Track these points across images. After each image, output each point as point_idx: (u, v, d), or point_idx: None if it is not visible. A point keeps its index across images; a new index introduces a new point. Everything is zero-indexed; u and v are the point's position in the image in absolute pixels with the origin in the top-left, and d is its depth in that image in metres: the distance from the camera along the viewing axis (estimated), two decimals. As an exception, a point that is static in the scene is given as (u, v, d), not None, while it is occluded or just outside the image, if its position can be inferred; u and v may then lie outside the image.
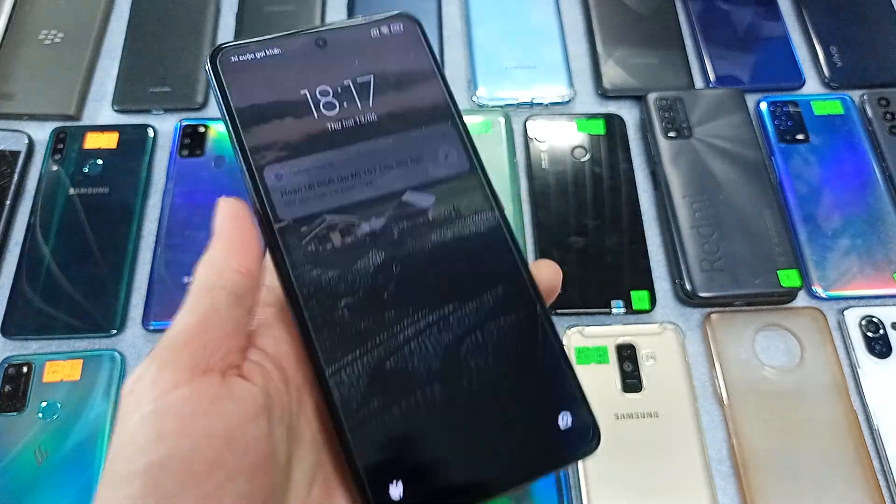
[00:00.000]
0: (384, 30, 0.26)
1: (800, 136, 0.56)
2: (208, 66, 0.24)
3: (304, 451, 0.21)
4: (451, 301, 0.23)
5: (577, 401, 0.23)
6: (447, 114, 0.26)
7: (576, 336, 0.48)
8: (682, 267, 0.50)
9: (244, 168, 0.23)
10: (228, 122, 0.24)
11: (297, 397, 0.22)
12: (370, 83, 0.25)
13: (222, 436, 0.18)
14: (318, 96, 0.25)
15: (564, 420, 0.23)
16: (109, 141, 0.56)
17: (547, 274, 0.25)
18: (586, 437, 0.23)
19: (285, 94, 0.24)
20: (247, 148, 0.23)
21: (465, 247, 0.24)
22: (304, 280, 0.22)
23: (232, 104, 0.24)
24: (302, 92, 0.25)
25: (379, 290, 0.23)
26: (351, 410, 0.21)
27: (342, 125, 0.25)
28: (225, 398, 0.19)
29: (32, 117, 0.58)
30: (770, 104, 0.58)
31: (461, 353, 0.22)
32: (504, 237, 0.25)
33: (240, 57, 0.25)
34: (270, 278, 0.23)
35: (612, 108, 0.59)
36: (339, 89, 0.25)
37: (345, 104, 0.25)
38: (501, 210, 0.25)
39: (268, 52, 0.25)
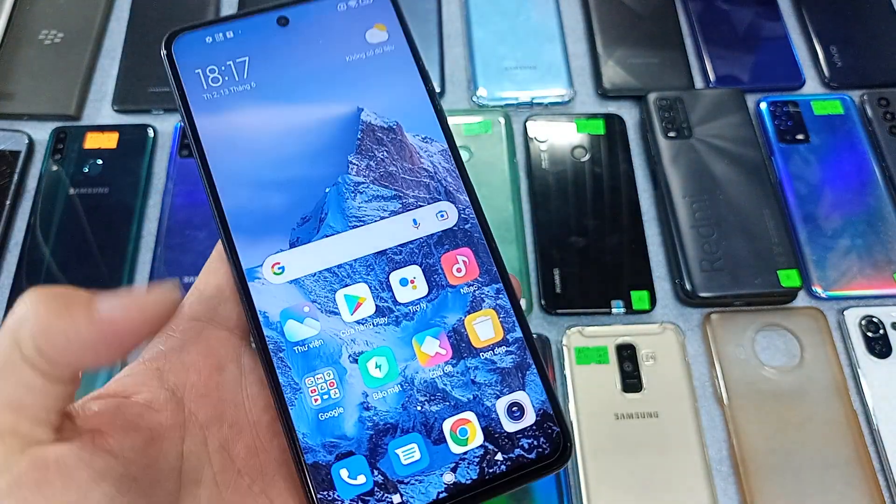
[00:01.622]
0: (352, 3, 0.25)
1: (800, 136, 0.56)
2: (163, 52, 0.24)
3: (202, 494, 0.20)
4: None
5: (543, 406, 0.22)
6: (420, 95, 0.25)
7: (576, 336, 0.48)
8: (682, 267, 0.50)
9: (197, 159, 0.23)
10: (183, 113, 0.23)
11: (200, 436, 0.20)
12: (335, 64, 0.24)
13: None
14: (279, 79, 0.24)
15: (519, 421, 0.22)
16: (109, 141, 0.56)
17: None
18: (551, 446, 0.22)
19: (244, 80, 0.24)
20: (202, 141, 0.23)
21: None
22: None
23: (187, 95, 0.23)
24: (263, 75, 0.24)
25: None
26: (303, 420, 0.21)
27: (305, 111, 0.24)
28: (48, 478, 0.17)
29: (32, 117, 0.58)
30: (770, 104, 0.58)
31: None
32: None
33: (197, 41, 0.24)
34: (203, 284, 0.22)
35: (612, 108, 0.59)
36: (302, 72, 0.24)
37: (308, 87, 0.24)
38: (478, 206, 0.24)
39: (227, 35, 0.24)
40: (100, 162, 0.55)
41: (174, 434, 0.20)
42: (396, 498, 0.20)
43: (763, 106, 0.58)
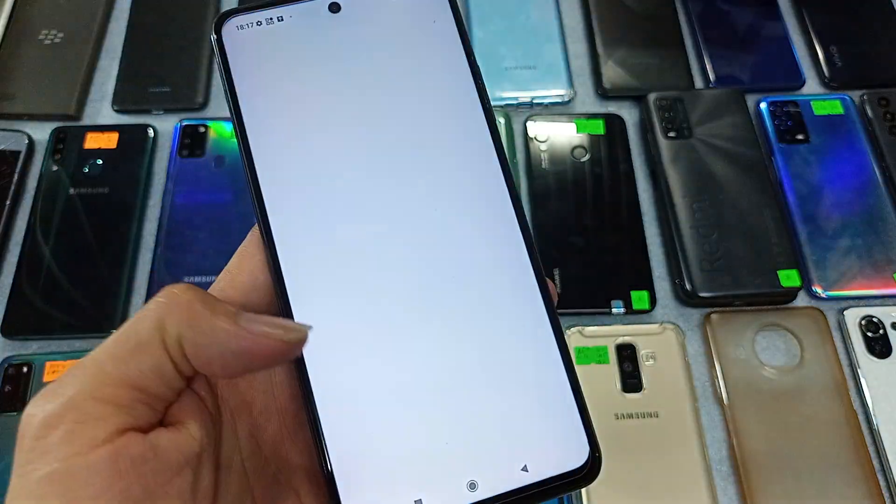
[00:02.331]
0: None
1: (800, 137, 0.56)
2: (213, 36, 0.23)
3: (232, 480, 0.20)
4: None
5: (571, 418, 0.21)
6: (471, 96, 0.24)
7: (576, 336, 0.48)
8: (682, 267, 0.50)
9: (241, 147, 0.22)
10: (230, 99, 0.23)
11: (230, 422, 0.21)
12: (388, 52, 0.24)
13: (139, 498, 0.17)
14: (330, 66, 0.23)
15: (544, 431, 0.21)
16: (109, 141, 0.56)
17: None
18: (577, 458, 0.21)
19: (294, 66, 0.23)
20: (247, 129, 0.23)
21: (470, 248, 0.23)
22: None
23: (234, 80, 0.23)
24: (313, 63, 0.23)
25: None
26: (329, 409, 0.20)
27: (355, 100, 0.23)
28: (147, 459, 0.17)
29: (32, 117, 0.58)
30: (770, 104, 0.58)
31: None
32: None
33: (247, 25, 0.23)
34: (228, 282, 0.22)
35: (612, 108, 0.59)
36: (353, 58, 0.23)
37: (360, 77, 0.23)
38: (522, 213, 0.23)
39: (277, 19, 0.24)
40: (100, 162, 0.55)
41: (215, 420, 0.20)
42: (415, 496, 0.20)
43: (763, 106, 0.58)
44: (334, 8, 0.24)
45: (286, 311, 0.21)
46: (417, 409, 0.21)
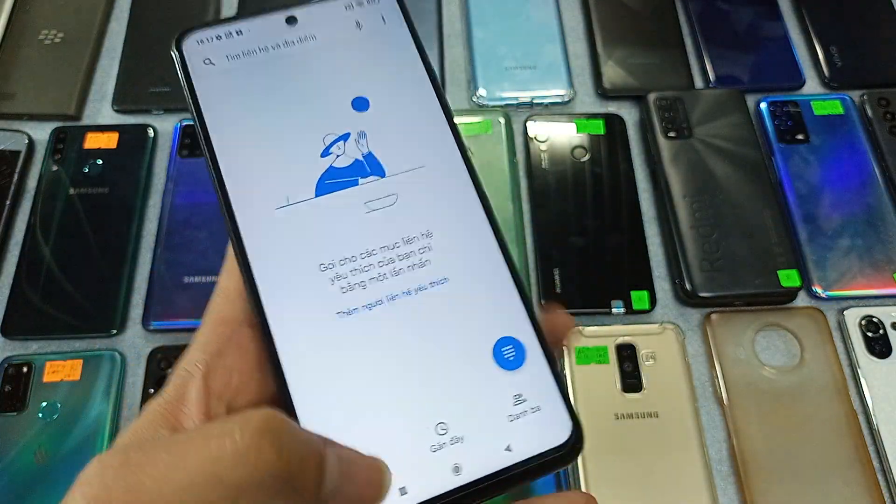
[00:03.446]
0: (359, 2, 0.26)
1: (800, 136, 0.56)
2: (174, 52, 0.24)
3: None
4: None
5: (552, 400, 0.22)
6: (430, 98, 0.25)
7: (576, 336, 0.48)
8: (682, 267, 0.50)
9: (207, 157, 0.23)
10: (194, 112, 0.24)
11: None
12: (343, 62, 0.25)
13: None
14: (288, 76, 0.24)
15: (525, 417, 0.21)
16: (109, 141, 0.56)
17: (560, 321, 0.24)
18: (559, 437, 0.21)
19: (253, 78, 0.24)
20: (213, 142, 0.23)
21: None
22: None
23: (197, 94, 0.24)
24: (272, 73, 0.24)
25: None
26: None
27: (313, 108, 0.24)
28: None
29: (32, 117, 0.58)
30: (770, 104, 0.58)
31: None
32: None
33: (206, 40, 0.24)
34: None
35: (612, 108, 0.59)
36: (310, 69, 0.25)
37: (316, 84, 0.24)
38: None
39: (236, 34, 0.24)
40: (100, 162, 0.55)
41: None
42: (399, 482, 0.20)
43: (763, 106, 0.58)
44: (291, 21, 0.25)
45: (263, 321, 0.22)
46: (396, 395, 0.21)
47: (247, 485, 0.16)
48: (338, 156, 0.24)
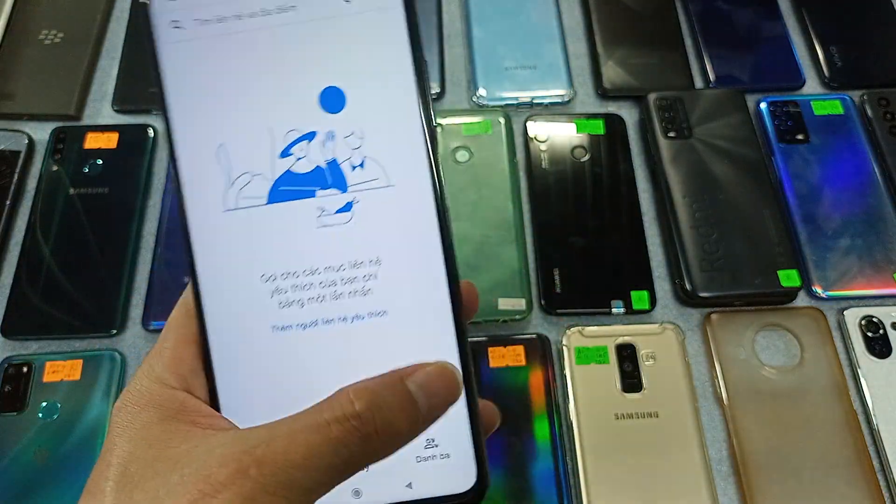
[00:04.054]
0: None
1: (800, 136, 0.56)
2: (141, 14, 0.22)
3: None
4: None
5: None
6: (412, 95, 0.23)
7: (576, 336, 0.48)
8: (682, 267, 0.50)
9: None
10: (158, 85, 0.22)
11: None
12: (319, 28, 0.22)
13: None
14: (259, 58, 0.22)
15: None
16: (109, 141, 0.56)
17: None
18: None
19: (222, 54, 0.22)
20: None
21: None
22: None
23: (162, 66, 0.22)
24: (242, 51, 0.22)
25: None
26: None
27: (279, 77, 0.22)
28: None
29: (32, 117, 0.58)
30: (770, 104, 0.58)
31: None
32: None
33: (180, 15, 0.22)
34: None
35: (612, 108, 0.59)
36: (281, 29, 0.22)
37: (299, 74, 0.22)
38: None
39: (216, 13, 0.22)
40: (100, 162, 0.55)
41: None
42: None
43: (763, 106, 0.58)
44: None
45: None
46: None
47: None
48: (298, 158, 0.22)
